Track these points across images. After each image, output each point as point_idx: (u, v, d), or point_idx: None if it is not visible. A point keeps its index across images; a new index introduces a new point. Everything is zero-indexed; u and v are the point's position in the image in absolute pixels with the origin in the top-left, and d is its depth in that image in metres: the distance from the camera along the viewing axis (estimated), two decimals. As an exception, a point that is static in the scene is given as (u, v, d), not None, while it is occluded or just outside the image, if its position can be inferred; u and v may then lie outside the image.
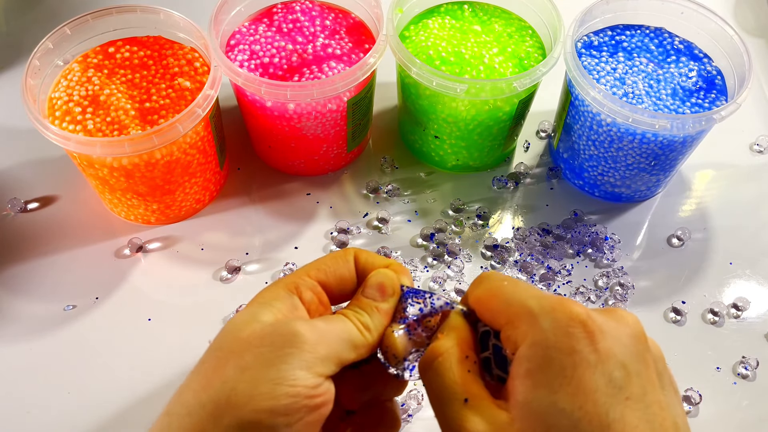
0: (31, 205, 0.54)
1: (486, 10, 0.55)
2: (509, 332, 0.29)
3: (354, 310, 0.32)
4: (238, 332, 0.29)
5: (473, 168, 0.57)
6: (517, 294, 0.30)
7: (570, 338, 0.27)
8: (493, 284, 0.31)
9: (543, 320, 0.28)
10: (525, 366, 0.27)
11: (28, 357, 0.47)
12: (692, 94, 0.50)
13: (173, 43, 0.51)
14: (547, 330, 0.27)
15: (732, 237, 0.55)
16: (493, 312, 0.30)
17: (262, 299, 0.31)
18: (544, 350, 0.27)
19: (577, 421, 0.26)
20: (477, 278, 0.32)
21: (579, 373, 0.26)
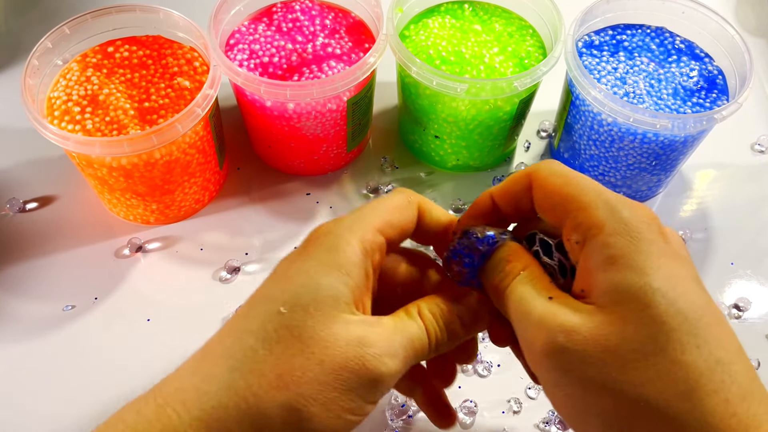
0: (30, 205, 0.54)
1: (486, 9, 0.55)
2: (581, 219, 0.29)
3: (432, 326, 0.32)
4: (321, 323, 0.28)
5: (473, 168, 0.57)
6: (590, 184, 0.30)
7: (650, 231, 0.28)
8: (562, 170, 0.31)
9: (623, 211, 0.28)
10: (607, 253, 0.28)
11: (27, 357, 0.47)
12: (693, 94, 0.50)
13: (172, 43, 0.51)
14: (628, 220, 0.28)
15: (733, 237, 0.55)
16: (564, 197, 0.30)
17: (341, 258, 0.30)
18: (628, 237, 0.28)
19: (673, 300, 0.26)
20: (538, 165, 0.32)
21: (665, 261, 0.27)
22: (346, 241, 0.30)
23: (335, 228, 0.31)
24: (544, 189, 0.31)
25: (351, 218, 0.31)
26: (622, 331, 0.27)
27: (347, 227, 0.31)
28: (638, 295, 0.27)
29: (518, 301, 0.30)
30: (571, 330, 0.27)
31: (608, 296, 0.27)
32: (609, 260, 0.28)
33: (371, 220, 0.32)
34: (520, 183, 0.32)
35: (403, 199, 0.34)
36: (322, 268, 0.29)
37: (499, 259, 0.32)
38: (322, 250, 0.30)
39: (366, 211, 0.32)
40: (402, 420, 0.44)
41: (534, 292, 0.30)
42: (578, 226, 0.29)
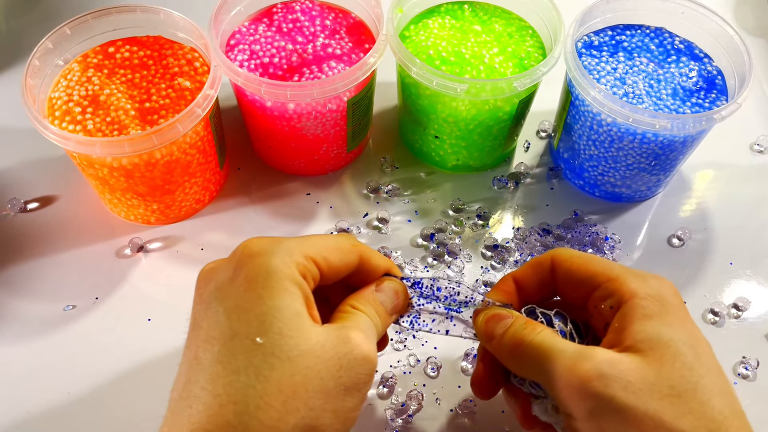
0: (30, 205, 0.54)
1: (486, 9, 0.55)
2: (614, 287, 0.34)
3: (372, 314, 0.35)
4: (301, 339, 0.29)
5: (473, 168, 0.57)
6: (610, 261, 0.36)
7: (675, 298, 0.34)
8: (580, 252, 0.37)
9: (651, 281, 0.34)
10: (642, 312, 0.33)
11: (28, 357, 0.47)
12: (692, 94, 0.50)
13: (173, 43, 0.51)
14: (657, 288, 0.34)
15: (732, 237, 0.55)
16: (589, 273, 0.35)
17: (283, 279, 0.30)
18: (660, 302, 0.33)
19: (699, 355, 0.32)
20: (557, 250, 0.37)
21: (688, 325, 0.33)
22: (282, 261, 0.31)
23: (269, 247, 0.31)
24: (568, 269, 0.36)
25: (287, 241, 0.32)
26: (659, 369, 0.31)
27: (283, 249, 0.31)
28: (671, 345, 0.31)
29: (548, 346, 0.33)
30: (614, 360, 0.31)
31: (645, 343, 0.32)
32: (645, 317, 0.32)
33: (307, 249, 0.32)
34: (542, 266, 0.37)
35: (346, 242, 0.35)
36: (271, 292, 0.30)
37: (518, 325, 0.35)
38: (262, 273, 0.30)
39: (304, 240, 0.33)
40: (402, 419, 0.44)
41: (562, 341, 0.33)
42: (612, 294, 0.34)
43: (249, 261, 0.31)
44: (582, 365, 0.31)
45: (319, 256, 0.32)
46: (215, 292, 0.31)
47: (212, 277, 0.32)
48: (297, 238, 0.33)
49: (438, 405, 0.45)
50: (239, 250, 0.32)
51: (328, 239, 0.34)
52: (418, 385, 0.46)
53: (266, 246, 0.31)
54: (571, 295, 0.37)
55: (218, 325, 0.30)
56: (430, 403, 0.45)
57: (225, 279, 0.31)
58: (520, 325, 0.35)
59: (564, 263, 0.36)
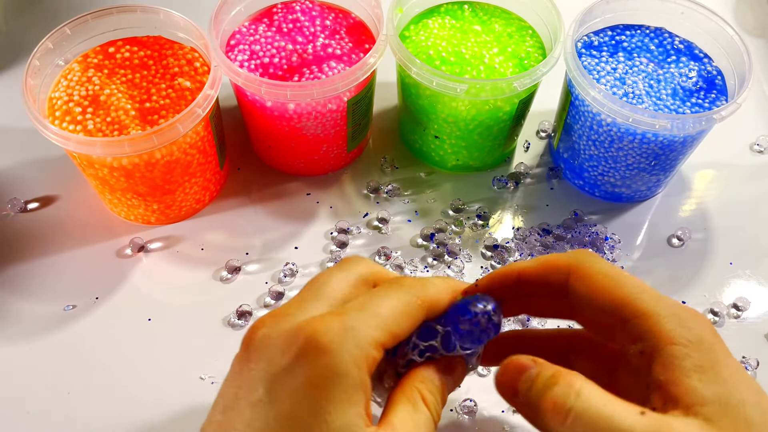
0: (31, 205, 0.54)
1: (486, 10, 0.55)
2: (646, 327, 0.28)
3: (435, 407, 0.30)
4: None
5: (473, 168, 0.57)
6: (643, 288, 0.29)
7: (718, 341, 0.28)
8: (609, 269, 0.30)
9: (689, 321, 0.28)
10: (692, 363, 0.27)
11: (28, 357, 0.47)
12: (692, 94, 0.50)
13: (173, 43, 0.51)
14: (697, 331, 0.28)
15: (732, 237, 0.55)
16: (616, 302, 0.29)
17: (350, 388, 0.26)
18: (704, 350, 0.28)
19: (763, 412, 0.27)
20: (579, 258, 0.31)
21: (740, 373, 0.28)
22: (352, 360, 0.27)
23: (337, 339, 0.27)
24: (589, 287, 0.30)
25: (356, 325, 0.28)
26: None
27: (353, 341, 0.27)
28: (739, 409, 0.27)
29: (599, 418, 0.27)
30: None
31: (713, 407, 0.27)
32: (698, 370, 0.27)
33: (377, 333, 0.28)
34: (558, 272, 0.31)
35: (414, 300, 0.30)
36: (335, 407, 0.26)
37: (545, 380, 0.29)
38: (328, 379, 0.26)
39: (372, 315, 0.28)
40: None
41: (613, 405, 0.27)
42: (642, 336, 0.28)
43: (314, 358, 0.26)
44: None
45: (387, 335, 0.28)
46: (267, 380, 0.27)
47: (265, 354, 0.28)
48: (365, 313, 0.28)
49: (438, 405, 0.45)
50: (304, 335, 0.27)
51: (396, 303, 0.29)
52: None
53: (335, 337, 0.27)
54: (587, 318, 0.31)
55: (265, 428, 0.26)
56: (430, 403, 0.45)
57: (281, 366, 0.27)
58: (546, 379, 0.28)
59: (584, 279, 0.30)
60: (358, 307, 0.29)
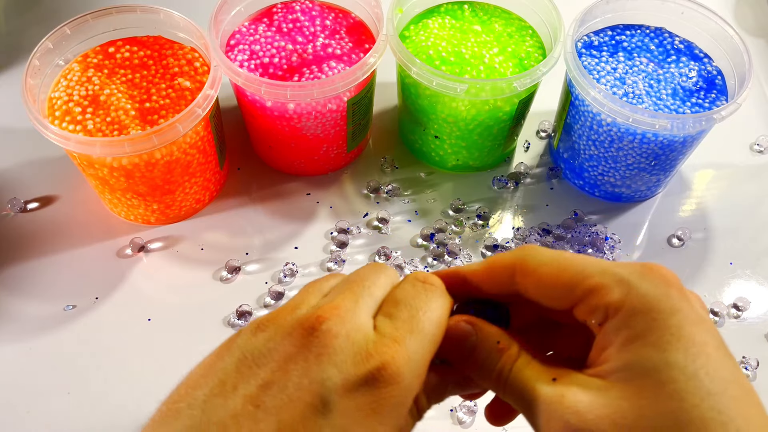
0: (31, 205, 0.54)
1: (486, 9, 0.55)
2: (595, 302, 0.28)
3: None
4: None
5: (473, 168, 0.57)
6: (588, 262, 0.29)
7: (670, 299, 0.27)
8: (550, 255, 0.30)
9: (640, 284, 0.27)
10: (625, 334, 0.26)
11: (28, 357, 0.47)
12: (692, 94, 0.50)
13: (173, 43, 0.51)
14: (646, 292, 0.27)
15: (732, 237, 0.55)
16: (564, 285, 0.29)
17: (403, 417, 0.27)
18: (649, 315, 0.26)
19: (693, 374, 0.25)
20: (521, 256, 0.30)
21: (687, 331, 0.26)
22: (410, 395, 0.27)
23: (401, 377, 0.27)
24: (537, 281, 0.30)
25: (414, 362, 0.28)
26: (638, 407, 0.25)
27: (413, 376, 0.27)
28: (654, 371, 0.25)
29: (522, 389, 0.28)
30: (582, 411, 0.26)
31: (621, 373, 0.26)
32: (627, 341, 0.27)
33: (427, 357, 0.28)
34: (503, 272, 0.31)
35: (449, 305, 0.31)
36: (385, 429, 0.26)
37: (489, 350, 0.30)
38: (391, 407, 0.26)
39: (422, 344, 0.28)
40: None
41: (536, 376, 0.28)
42: (595, 310, 0.28)
43: (383, 385, 0.26)
44: (554, 417, 0.26)
45: (434, 351, 0.29)
46: (331, 387, 0.26)
47: (335, 356, 0.27)
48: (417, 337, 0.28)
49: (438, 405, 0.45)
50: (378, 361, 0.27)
51: (438, 314, 0.29)
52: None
53: (402, 369, 0.27)
54: (547, 304, 0.31)
55: None
56: (430, 403, 0.45)
57: (351, 379, 0.26)
58: (490, 350, 0.29)
59: (528, 274, 0.30)
60: (410, 330, 0.29)
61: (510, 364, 0.29)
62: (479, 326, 0.30)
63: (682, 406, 0.24)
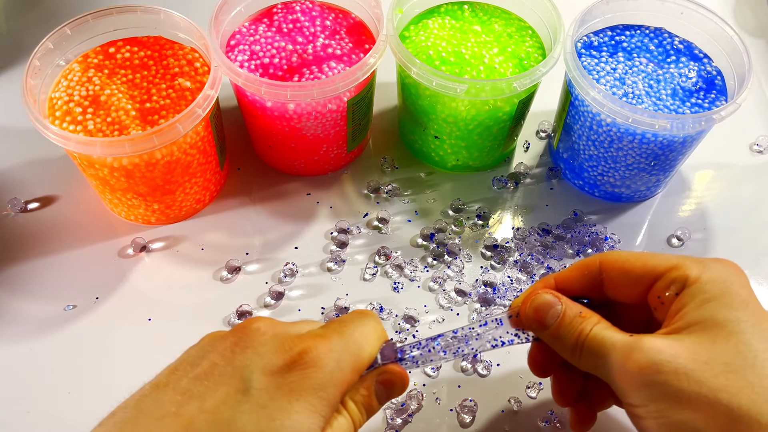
0: (31, 205, 0.54)
1: (486, 10, 0.55)
2: (676, 275, 0.33)
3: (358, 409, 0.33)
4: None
5: (473, 168, 0.57)
6: (665, 254, 0.36)
7: (740, 277, 0.34)
8: (629, 252, 0.36)
9: (714, 264, 0.34)
10: (702, 296, 0.32)
11: (28, 357, 0.47)
12: (692, 95, 0.50)
13: (173, 44, 0.51)
14: (719, 270, 0.33)
15: (732, 237, 0.55)
16: (647, 269, 0.34)
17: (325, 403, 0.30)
18: (722, 284, 0.32)
19: (760, 329, 0.31)
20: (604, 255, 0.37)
21: (754, 302, 0.33)
22: (333, 385, 0.30)
23: (323, 364, 0.30)
24: (622, 268, 0.35)
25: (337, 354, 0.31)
26: (712, 348, 0.30)
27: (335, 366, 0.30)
28: (726, 324, 0.31)
29: (602, 340, 0.33)
30: (661, 348, 0.31)
31: (698, 324, 0.31)
32: (703, 301, 0.32)
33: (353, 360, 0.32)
34: (590, 268, 0.37)
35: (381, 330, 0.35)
36: (303, 414, 0.29)
37: (572, 317, 0.35)
38: (307, 389, 0.29)
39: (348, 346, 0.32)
40: (401, 419, 0.44)
41: (615, 332, 0.33)
42: (674, 281, 0.33)
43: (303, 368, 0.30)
44: (633, 356, 0.31)
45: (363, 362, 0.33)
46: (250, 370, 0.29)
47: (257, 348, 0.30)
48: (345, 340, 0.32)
49: (438, 405, 0.46)
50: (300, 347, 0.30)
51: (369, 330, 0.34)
52: (417, 385, 0.46)
53: (323, 356, 0.30)
54: (625, 294, 0.36)
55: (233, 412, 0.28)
56: (430, 403, 0.45)
57: (271, 365, 0.30)
58: (573, 316, 0.35)
59: (617, 263, 0.36)
60: (337, 331, 0.32)
61: (591, 326, 0.34)
62: (563, 299, 0.36)
63: (749, 349, 0.30)
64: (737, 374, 0.29)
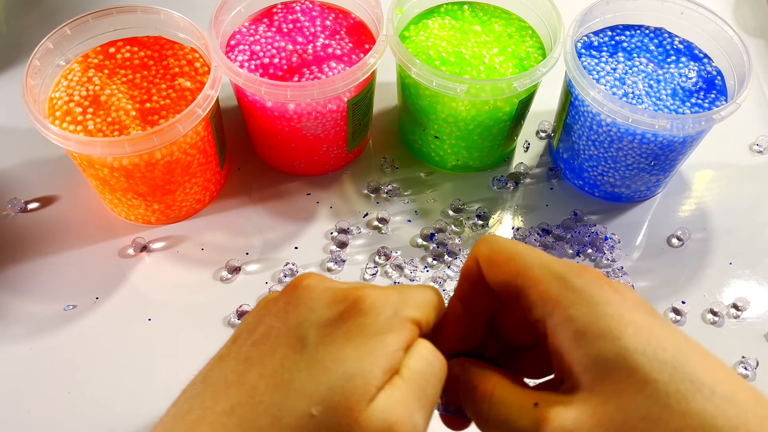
0: (31, 205, 0.54)
1: (486, 10, 0.55)
2: (535, 296, 0.29)
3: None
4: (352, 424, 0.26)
5: (473, 168, 0.57)
6: (534, 255, 0.30)
7: (602, 291, 0.28)
8: (503, 244, 0.31)
9: (574, 280, 0.28)
10: (572, 327, 0.27)
11: (28, 357, 0.47)
12: (692, 95, 0.50)
13: (173, 44, 0.51)
14: (581, 287, 0.28)
15: (732, 237, 0.55)
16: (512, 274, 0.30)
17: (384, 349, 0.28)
18: (586, 306, 0.27)
19: (653, 354, 0.26)
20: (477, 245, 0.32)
21: (628, 317, 0.27)
22: (388, 329, 0.28)
23: (379, 311, 0.29)
24: (491, 268, 0.31)
25: (394, 304, 0.29)
26: (621, 404, 0.26)
27: (391, 314, 0.29)
28: (619, 363, 0.26)
29: (507, 423, 0.29)
30: (572, 428, 0.26)
31: (590, 374, 0.27)
32: (577, 335, 0.27)
33: (412, 312, 0.30)
34: (471, 273, 0.32)
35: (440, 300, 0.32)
36: (357, 359, 0.27)
37: (469, 389, 0.31)
38: (362, 335, 0.28)
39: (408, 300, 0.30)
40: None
41: (517, 408, 0.29)
42: (534, 305, 0.29)
43: (356, 317, 0.28)
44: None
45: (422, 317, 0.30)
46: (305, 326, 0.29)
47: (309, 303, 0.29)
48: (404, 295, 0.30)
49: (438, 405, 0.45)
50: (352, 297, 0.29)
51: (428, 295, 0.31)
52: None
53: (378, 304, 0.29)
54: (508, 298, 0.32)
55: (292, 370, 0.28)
56: (430, 403, 0.45)
57: (324, 318, 0.29)
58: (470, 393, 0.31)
59: (486, 263, 0.31)
60: (398, 290, 0.30)
61: (487, 401, 0.30)
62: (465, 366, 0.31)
63: (657, 387, 0.25)
64: (659, 423, 0.25)
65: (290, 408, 0.26)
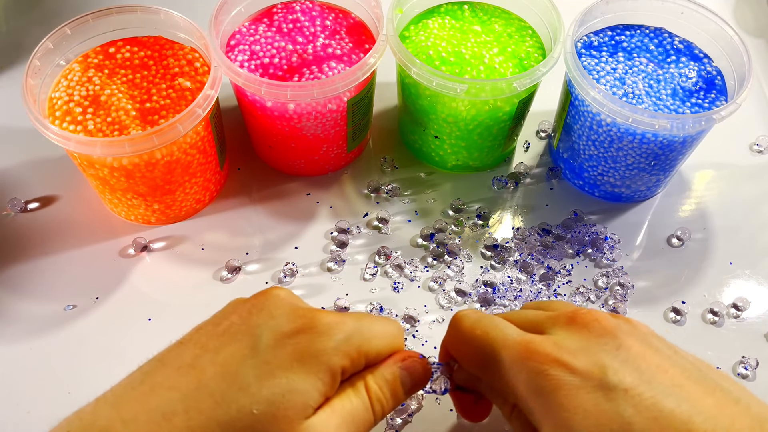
0: (31, 205, 0.54)
1: (486, 10, 0.55)
2: (501, 384, 0.32)
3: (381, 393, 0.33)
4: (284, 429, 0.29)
5: (473, 168, 0.57)
6: (491, 338, 0.33)
7: (548, 379, 0.30)
8: (465, 327, 0.34)
9: (519, 371, 0.31)
10: (533, 418, 0.31)
11: (28, 357, 0.47)
12: (692, 95, 0.50)
13: (173, 44, 0.51)
14: (526, 381, 0.31)
15: (732, 237, 0.55)
16: (470, 359, 0.34)
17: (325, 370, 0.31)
18: (543, 396, 0.30)
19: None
20: (452, 319, 0.36)
21: (575, 402, 0.29)
22: (337, 355, 0.31)
23: (332, 333, 0.31)
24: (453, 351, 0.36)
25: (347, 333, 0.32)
26: None
27: (342, 340, 0.31)
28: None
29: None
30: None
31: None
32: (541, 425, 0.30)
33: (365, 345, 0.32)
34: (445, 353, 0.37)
35: (399, 337, 0.35)
36: (303, 375, 0.30)
37: None
38: (311, 352, 0.30)
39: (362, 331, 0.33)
40: (401, 419, 0.44)
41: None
42: (503, 392, 0.33)
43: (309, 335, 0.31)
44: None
45: (371, 352, 0.33)
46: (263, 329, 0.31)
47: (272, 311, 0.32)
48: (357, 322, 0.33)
49: (438, 405, 0.46)
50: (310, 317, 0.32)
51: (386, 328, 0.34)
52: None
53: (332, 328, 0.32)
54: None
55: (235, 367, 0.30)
56: (430, 403, 0.45)
57: (282, 329, 0.31)
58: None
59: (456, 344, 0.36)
60: (356, 318, 0.33)
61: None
62: None
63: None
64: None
65: (232, 398, 0.29)
